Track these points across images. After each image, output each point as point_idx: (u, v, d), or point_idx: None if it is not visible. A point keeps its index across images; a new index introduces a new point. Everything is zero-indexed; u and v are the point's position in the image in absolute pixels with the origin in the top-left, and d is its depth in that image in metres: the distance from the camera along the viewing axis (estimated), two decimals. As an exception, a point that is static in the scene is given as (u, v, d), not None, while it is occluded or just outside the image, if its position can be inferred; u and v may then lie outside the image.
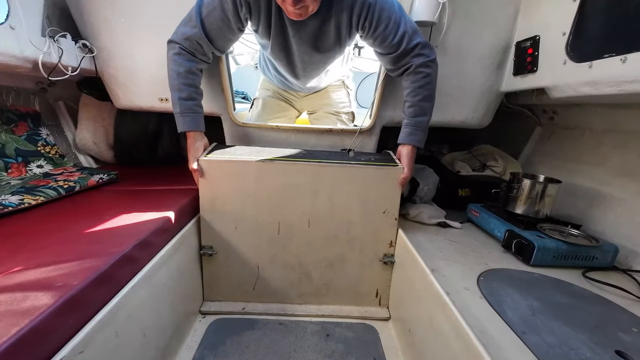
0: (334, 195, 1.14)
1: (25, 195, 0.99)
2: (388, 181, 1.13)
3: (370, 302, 1.25)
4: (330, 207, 1.15)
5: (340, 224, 1.17)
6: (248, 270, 1.20)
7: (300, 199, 1.14)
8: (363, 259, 1.20)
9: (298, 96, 1.61)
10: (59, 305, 0.55)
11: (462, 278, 0.88)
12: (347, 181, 1.12)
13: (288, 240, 1.18)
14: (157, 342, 0.88)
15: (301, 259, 1.20)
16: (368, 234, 1.18)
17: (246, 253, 1.19)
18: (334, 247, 1.19)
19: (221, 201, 1.13)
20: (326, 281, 1.23)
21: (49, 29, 1.10)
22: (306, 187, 1.13)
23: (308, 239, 1.18)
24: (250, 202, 1.13)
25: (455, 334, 0.71)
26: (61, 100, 1.64)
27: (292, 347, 1.04)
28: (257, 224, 1.16)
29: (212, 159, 1.10)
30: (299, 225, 1.16)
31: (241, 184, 1.12)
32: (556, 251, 0.94)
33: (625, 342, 0.66)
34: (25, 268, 0.63)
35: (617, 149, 1.17)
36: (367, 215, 1.16)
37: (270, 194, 1.13)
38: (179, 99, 1.05)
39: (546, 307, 0.76)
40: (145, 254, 0.84)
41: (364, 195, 1.14)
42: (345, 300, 1.25)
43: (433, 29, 1.24)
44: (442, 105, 1.39)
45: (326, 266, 1.21)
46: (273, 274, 1.22)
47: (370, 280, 1.23)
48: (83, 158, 1.65)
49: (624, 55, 0.82)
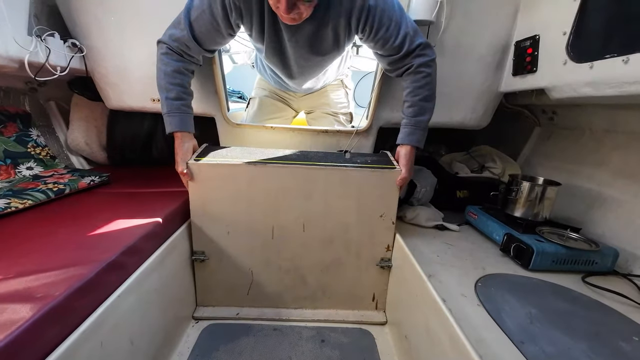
0: (328, 198, 1.11)
1: (12, 199, 0.96)
2: (385, 184, 1.10)
3: (367, 306, 1.23)
4: (326, 210, 1.12)
5: (336, 227, 1.14)
6: (242, 275, 1.18)
7: (294, 202, 1.11)
8: (359, 263, 1.18)
9: (295, 96, 1.59)
10: (38, 318, 0.52)
11: (459, 284, 0.86)
12: (342, 184, 1.10)
13: (282, 244, 1.15)
14: (147, 350, 0.86)
15: (296, 263, 1.18)
16: (364, 237, 1.15)
17: (239, 258, 1.16)
18: (329, 251, 1.16)
19: (212, 205, 1.10)
20: (322, 285, 1.21)
21: (36, 27, 1.07)
22: (299, 190, 1.10)
23: (303, 242, 1.15)
24: (243, 206, 1.10)
25: (451, 343, 0.69)
26: (52, 100, 1.61)
27: (286, 354, 1.03)
28: (250, 228, 1.13)
29: (201, 162, 1.06)
30: (293, 228, 1.13)
31: (232, 187, 1.08)
32: (555, 256, 0.93)
33: (626, 351, 0.64)
34: (4, 278, 0.61)
35: (617, 150, 1.15)
36: (364, 219, 1.13)
37: (263, 198, 1.10)
38: (166, 98, 1.01)
39: (545, 314, 0.74)
40: (134, 260, 0.82)
41: (360, 198, 1.11)
42: (341, 304, 1.23)
43: (431, 27, 1.21)
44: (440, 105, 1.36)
45: (322, 270, 1.19)
46: (267, 278, 1.19)
47: (367, 284, 1.21)
48: (75, 159, 1.62)
49: (626, 55, 0.80)
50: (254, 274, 1.18)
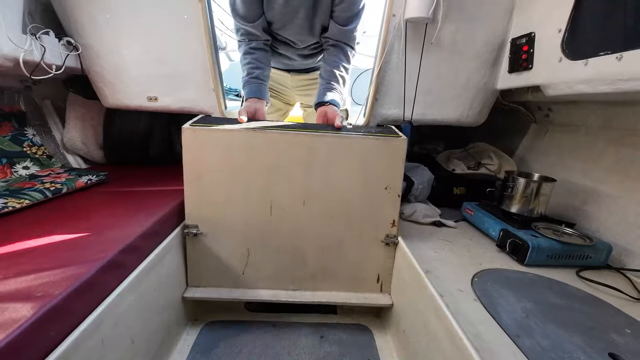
0: (330, 169, 1.04)
1: (9, 199, 0.96)
2: (390, 154, 1.03)
3: (371, 288, 1.14)
4: (327, 183, 1.05)
5: (339, 201, 1.06)
6: (237, 253, 1.10)
7: (294, 173, 1.04)
8: (363, 240, 1.10)
9: (289, 86, 1.57)
10: (39, 317, 0.53)
11: (456, 279, 0.87)
12: (345, 154, 1.03)
13: (281, 220, 1.08)
14: (147, 348, 0.87)
15: (295, 241, 1.10)
16: (368, 212, 1.08)
17: (235, 235, 1.08)
18: (331, 227, 1.09)
19: (207, 175, 1.03)
20: (322, 265, 1.12)
21: (31, 25, 1.06)
22: (300, 160, 1.03)
23: (303, 218, 1.07)
24: (240, 177, 1.03)
25: (449, 338, 0.70)
26: (48, 99, 1.59)
27: (285, 350, 1.03)
28: (247, 203, 1.05)
29: (197, 127, 1.00)
30: (292, 203, 1.06)
31: (229, 156, 1.02)
32: (550, 251, 0.94)
33: (619, 344, 0.65)
34: (4, 277, 0.61)
35: (612, 146, 1.16)
36: (367, 192, 1.06)
37: (261, 168, 1.03)
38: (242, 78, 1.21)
39: (540, 309, 0.75)
40: (132, 259, 0.82)
41: (363, 169, 1.04)
42: (343, 286, 1.14)
43: (427, 25, 1.22)
44: (437, 102, 1.38)
45: (322, 249, 1.11)
46: (264, 257, 1.11)
47: (371, 264, 1.12)
48: (72, 158, 1.61)
49: (619, 53, 0.81)
50: (250, 253, 1.10)
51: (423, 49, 1.25)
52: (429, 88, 1.34)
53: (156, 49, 1.27)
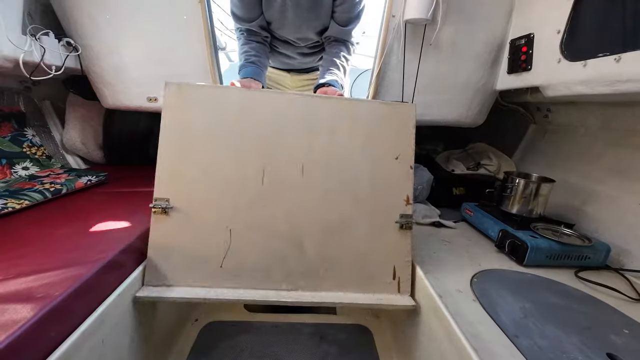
0: (334, 135, 0.92)
1: (8, 199, 0.96)
2: (399, 121, 0.94)
3: (385, 286, 0.91)
4: (330, 150, 0.92)
5: (343, 171, 0.92)
6: (215, 237, 0.87)
7: (293, 136, 0.91)
8: (373, 220, 0.92)
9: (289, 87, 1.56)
10: (40, 318, 0.53)
11: (455, 280, 0.87)
12: (351, 119, 0.93)
13: (275, 193, 0.90)
14: (148, 348, 0.87)
15: (292, 220, 0.90)
16: (378, 185, 0.93)
17: (215, 210, 0.87)
18: (334, 203, 0.92)
19: (189, 138, 0.87)
20: (324, 256, 0.91)
21: (30, 26, 1.06)
22: (300, 122, 0.91)
23: (301, 190, 0.91)
24: (230, 140, 0.89)
25: (448, 338, 0.71)
26: (48, 100, 1.59)
27: (285, 351, 1.04)
28: (235, 169, 0.89)
29: (183, 83, 0.87)
30: (289, 172, 0.91)
31: (219, 115, 0.89)
32: (549, 251, 0.94)
33: (617, 344, 0.66)
34: (4, 278, 0.61)
35: (611, 147, 1.17)
36: (376, 162, 0.93)
37: (254, 129, 0.89)
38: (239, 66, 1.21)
39: (539, 309, 0.75)
40: (133, 259, 0.82)
41: (371, 136, 0.93)
42: (350, 283, 0.91)
43: (427, 26, 1.22)
44: (436, 103, 1.38)
45: (325, 231, 0.91)
46: (250, 243, 0.88)
47: (384, 253, 0.92)
48: (71, 159, 1.61)
49: (618, 54, 0.81)
50: (233, 234, 0.88)
51: (422, 49, 1.26)
52: (428, 88, 1.35)
53: (156, 50, 1.27)
